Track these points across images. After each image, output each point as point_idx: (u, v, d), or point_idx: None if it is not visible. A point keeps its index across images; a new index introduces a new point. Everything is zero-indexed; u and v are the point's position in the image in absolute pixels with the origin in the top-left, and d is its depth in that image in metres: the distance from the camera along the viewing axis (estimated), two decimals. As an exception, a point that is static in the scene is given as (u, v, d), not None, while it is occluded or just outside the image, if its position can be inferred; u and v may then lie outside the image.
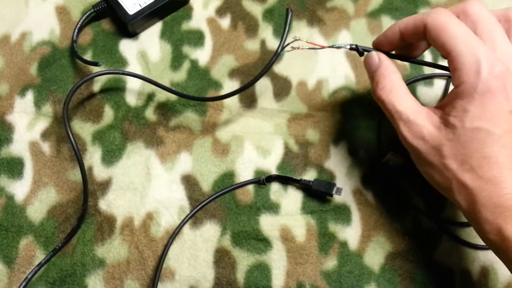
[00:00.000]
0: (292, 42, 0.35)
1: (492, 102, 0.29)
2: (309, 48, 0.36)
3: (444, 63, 0.34)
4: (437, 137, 0.31)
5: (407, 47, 0.36)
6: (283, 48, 0.35)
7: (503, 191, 0.29)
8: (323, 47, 0.36)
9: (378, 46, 0.36)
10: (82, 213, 0.38)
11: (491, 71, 0.29)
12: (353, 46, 0.35)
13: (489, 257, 0.39)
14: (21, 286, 0.36)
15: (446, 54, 0.31)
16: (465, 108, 0.30)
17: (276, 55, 0.35)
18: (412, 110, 0.32)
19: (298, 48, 0.36)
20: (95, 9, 0.43)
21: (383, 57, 0.35)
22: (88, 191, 0.38)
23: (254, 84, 0.42)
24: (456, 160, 0.30)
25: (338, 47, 0.35)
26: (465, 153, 0.30)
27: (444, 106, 0.32)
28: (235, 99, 0.42)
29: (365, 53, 0.35)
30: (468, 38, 0.30)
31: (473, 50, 0.30)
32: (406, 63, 0.44)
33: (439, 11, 0.32)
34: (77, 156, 0.36)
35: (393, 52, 0.36)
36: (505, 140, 0.30)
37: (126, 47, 0.43)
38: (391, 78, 0.33)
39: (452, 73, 0.31)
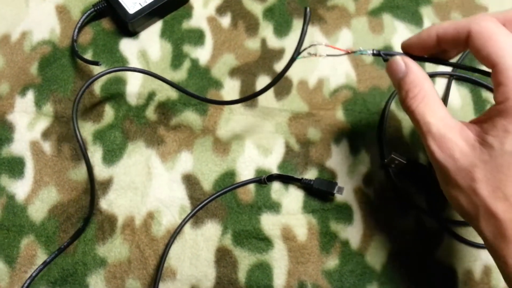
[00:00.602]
0: (309, 47, 0.32)
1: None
2: (328, 55, 0.33)
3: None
4: (469, 156, 0.28)
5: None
6: (299, 53, 0.32)
7: None
8: (342, 53, 0.33)
9: (407, 49, 0.33)
10: (89, 213, 0.38)
11: None
12: (376, 52, 0.32)
13: (491, 256, 0.38)
14: (25, 285, 0.36)
15: (491, 66, 0.28)
16: (507, 129, 0.27)
17: (292, 61, 0.32)
18: (444, 123, 0.29)
19: (316, 55, 0.34)
20: (95, 8, 0.43)
21: (411, 62, 0.31)
22: (95, 191, 0.38)
23: (255, 82, 0.42)
24: (489, 186, 0.27)
25: (361, 53, 0.33)
26: (500, 178, 0.27)
27: (482, 123, 0.29)
28: (235, 97, 0.42)
29: (389, 58, 0.32)
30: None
31: None
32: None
33: (485, 18, 0.29)
34: (85, 158, 0.36)
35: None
36: None
37: (127, 46, 0.43)
38: (423, 86, 0.30)
39: (495, 87, 0.28)
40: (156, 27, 0.44)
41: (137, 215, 0.39)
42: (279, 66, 0.43)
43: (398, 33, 0.45)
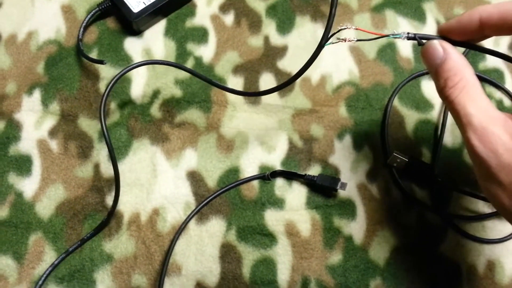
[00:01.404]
0: (338, 32, 0.30)
1: None
2: (358, 40, 0.31)
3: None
4: None
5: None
6: (328, 39, 0.30)
7: None
8: (376, 36, 0.30)
9: (446, 33, 0.29)
10: (112, 209, 0.38)
11: None
12: (411, 35, 0.29)
13: (495, 251, 0.38)
14: (45, 274, 0.37)
15: None
16: None
17: (321, 48, 0.30)
18: (486, 115, 0.26)
19: (345, 40, 0.31)
20: (100, 7, 0.43)
21: (450, 47, 0.28)
22: (119, 189, 0.38)
23: (258, 79, 0.43)
24: None
25: (394, 37, 0.30)
26: None
27: None
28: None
29: (425, 42, 0.29)
30: None
31: None
32: (410, 56, 0.44)
33: None
34: (112, 156, 0.36)
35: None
36: None
37: (131, 44, 0.44)
38: (464, 74, 0.27)
39: None
40: (160, 26, 0.45)
41: (142, 212, 0.39)
42: (282, 63, 0.43)
43: (401, 29, 0.45)
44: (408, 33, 0.30)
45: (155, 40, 0.44)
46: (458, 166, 0.41)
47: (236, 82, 0.43)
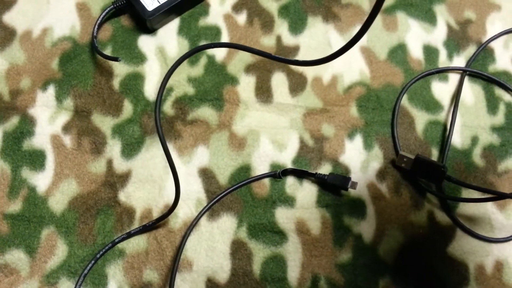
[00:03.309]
0: None
1: None
2: None
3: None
4: None
5: None
6: None
7: None
8: None
9: None
10: (174, 203, 0.37)
11: None
12: None
13: (503, 251, 0.39)
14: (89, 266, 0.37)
15: None
16: None
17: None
18: None
19: None
20: (115, 5, 0.44)
21: None
22: (178, 185, 0.36)
23: (270, 79, 0.43)
24: None
25: None
26: None
27: None
28: (251, 93, 0.43)
29: None
30: None
31: None
32: (421, 58, 0.44)
33: None
34: (167, 156, 0.34)
35: None
36: None
37: (145, 42, 0.44)
38: None
39: None
40: (174, 24, 0.45)
41: (154, 208, 0.39)
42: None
43: (412, 31, 0.45)
44: None
45: (168, 38, 0.44)
46: (467, 167, 0.41)
47: (248, 81, 0.43)
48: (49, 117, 0.42)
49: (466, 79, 0.44)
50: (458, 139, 0.42)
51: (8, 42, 0.44)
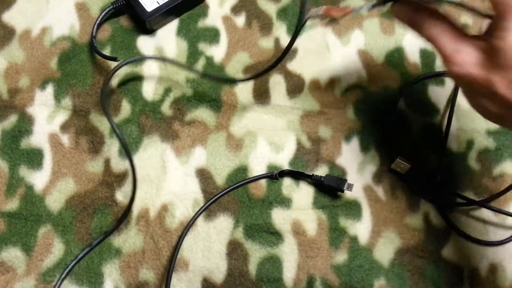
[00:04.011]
0: (309, 18, 0.34)
1: None
2: (331, 18, 0.35)
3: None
4: (484, 64, 0.28)
5: None
6: (305, 22, 0.34)
7: None
8: (344, 13, 0.34)
9: None
10: (127, 210, 0.39)
11: None
12: (375, 3, 0.33)
13: (497, 255, 0.39)
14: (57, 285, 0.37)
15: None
16: (506, 28, 0.27)
17: (301, 26, 0.34)
18: (457, 42, 0.29)
19: (318, 16, 0.34)
20: (114, 6, 0.44)
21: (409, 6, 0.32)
22: (136, 189, 0.38)
23: (268, 81, 0.43)
24: (509, 86, 0.27)
25: (359, 11, 0.33)
26: None
27: (486, 33, 0.29)
28: (249, 95, 0.43)
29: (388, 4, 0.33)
30: None
31: None
32: (418, 62, 0.45)
33: None
34: (128, 155, 0.36)
35: None
36: None
37: (144, 43, 0.45)
38: (431, 21, 0.31)
39: (492, 5, 0.28)
40: (173, 25, 0.45)
41: (151, 207, 0.40)
42: (292, 66, 0.44)
43: (409, 35, 0.46)
44: (373, 4, 0.33)
45: (167, 39, 0.45)
46: (462, 170, 0.42)
47: (246, 82, 0.44)
48: (47, 116, 0.42)
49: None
50: (453, 143, 0.42)
51: (7, 41, 0.44)
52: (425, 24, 0.31)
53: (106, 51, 0.44)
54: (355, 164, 0.41)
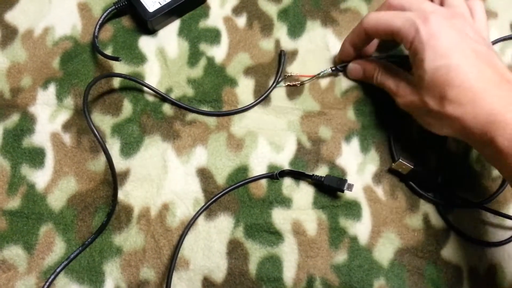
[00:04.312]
0: (286, 77, 0.44)
1: (438, 43, 0.34)
2: (301, 84, 0.44)
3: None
4: (416, 92, 0.36)
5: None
6: (278, 82, 0.44)
7: (485, 107, 0.32)
8: (309, 78, 0.43)
9: (344, 57, 0.43)
10: (112, 208, 0.39)
11: (426, 22, 0.35)
12: (333, 68, 0.43)
13: (496, 255, 0.39)
14: (50, 279, 0.37)
15: (392, 35, 0.37)
16: (421, 58, 0.35)
17: (272, 88, 0.43)
18: (398, 83, 0.39)
19: (291, 84, 0.44)
20: (116, 6, 0.44)
21: (360, 61, 0.43)
22: (118, 188, 0.39)
23: (269, 82, 0.44)
24: (436, 101, 0.35)
25: (323, 73, 0.43)
26: (440, 91, 0.34)
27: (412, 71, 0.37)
28: (249, 96, 0.43)
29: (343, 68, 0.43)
30: (397, 14, 0.37)
31: (404, 16, 0.36)
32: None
33: (368, 14, 0.39)
34: (105, 152, 0.37)
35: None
36: (465, 67, 0.33)
37: (145, 43, 0.45)
38: (377, 65, 0.41)
39: (404, 45, 0.37)
40: (174, 26, 0.46)
41: (152, 206, 0.40)
42: (291, 68, 0.44)
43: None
44: (331, 68, 0.43)
45: (168, 40, 0.45)
46: (462, 171, 0.42)
47: (247, 83, 0.44)
48: (49, 115, 0.42)
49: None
50: (453, 144, 0.42)
51: (9, 41, 0.45)
52: (373, 77, 0.41)
53: (108, 51, 0.44)
54: (355, 165, 0.42)
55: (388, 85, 0.39)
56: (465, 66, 0.33)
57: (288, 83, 0.43)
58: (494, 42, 0.46)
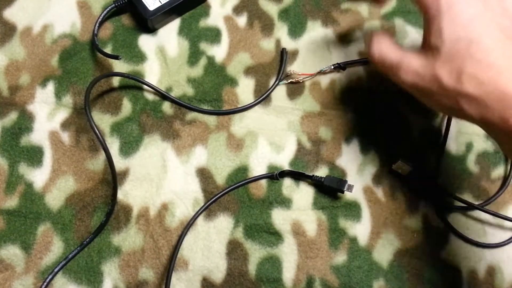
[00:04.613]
0: (288, 76, 0.44)
1: (459, 12, 0.31)
2: (302, 80, 0.44)
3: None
4: (428, 65, 0.32)
5: None
6: (281, 79, 0.43)
7: (508, 88, 0.29)
8: (308, 77, 0.43)
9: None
10: (111, 208, 0.39)
11: None
12: (336, 65, 0.43)
13: (495, 257, 0.39)
14: (47, 279, 0.37)
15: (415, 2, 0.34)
16: (439, 27, 0.31)
17: (275, 86, 0.43)
18: (402, 55, 0.34)
19: (293, 81, 0.44)
20: (116, 4, 0.44)
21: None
22: (117, 187, 0.39)
23: (269, 82, 0.43)
24: (452, 76, 0.31)
25: (323, 71, 0.43)
26: (458, 66, 0.30)
27: (422, 42, 0.34)
28: (250, 96, 0.43)
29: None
30: None
31: None
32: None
33: None
34: (106, 152, 0.37)
35: None
36: (488, 42, 0.30)
37: (145, 42, 0.45)
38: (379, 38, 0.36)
39: (420, 9, 0.33)
40: (174, 25, 0.45)
41: (151, 206, 0.40)
42: (292, 67, 0.44)
43: (410, 37, 0.46)
44: (332, 65, 0.43)
45: (169, 38, 0.45)
46: (461, 172, 0.42)
47: (247, 83, 0.44)
48: (47, 113, 0.42)
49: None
50: (453, 145, 0.43)
51: (8, 38, 0.44)
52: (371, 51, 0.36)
53: (108, 49, 0.44)
54: (355, 165, 0.41)
55: (389, 58, 0.35)
56: (487, 40, 0.30)
57: (291, 80, 0.43)
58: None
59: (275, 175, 0.40)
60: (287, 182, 0.41)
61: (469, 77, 0.30)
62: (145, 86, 0.43)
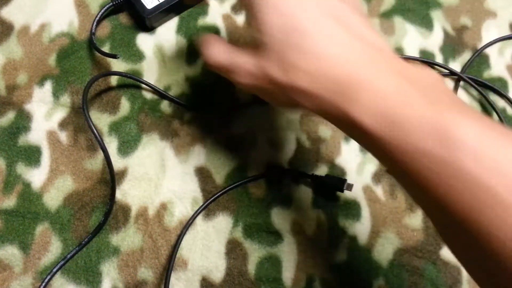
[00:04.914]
0: None
1: (282, 2, 0.28)
2: None
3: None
4: (258, 63, 0.29)
5: None
6: None
7: (337, 76, 0.27)
8: None
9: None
10: (109, 207, 0.39)
11: None
12: None
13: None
14: (46, 280, 0.37)
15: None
16: (263, 21, 0.28)
17: None
18: (232, 57, 0.31)
19: None
20: (114, 3, 0.44)
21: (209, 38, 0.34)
22: (116, 187, 0.39)
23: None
24: (282, 71, 0.28)
25: None
26: (286, 59, 0.28)
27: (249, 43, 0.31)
28: (249, 94, 0.43)
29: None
30: None
31: None
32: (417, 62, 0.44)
33: None
34: (104, 151, 0.37)
35: None
36: (315, 30, 0.28)
37: (143, 40, 0.44)
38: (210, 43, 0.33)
39: (246, 9, 0.31)
40: (173, 23, 0.45)
41: (150, 206, 0.39)
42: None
43: (409, 35, 0.46)
44: None
45: (167, 37, 0.44)
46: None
47: (246, 81, 0.43)
48: (45, 113, 0.42)
49: (461, 84, 0.44)
50: (452, 144, 0.42)
51: (5, 37, 0.44)
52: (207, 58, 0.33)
53: (105, 48, 0.44)
54: (354, 164, 0.41)
55: (222, 62, 0.32)
56: (315, 28, 0.28)
57: None
58: (493, 42, 0.46)
59: (275, 175, 0.40)
60: (287, 181, 0.41)
61: (298, 71, 0.28)
62: (143, 85, 0.43)
